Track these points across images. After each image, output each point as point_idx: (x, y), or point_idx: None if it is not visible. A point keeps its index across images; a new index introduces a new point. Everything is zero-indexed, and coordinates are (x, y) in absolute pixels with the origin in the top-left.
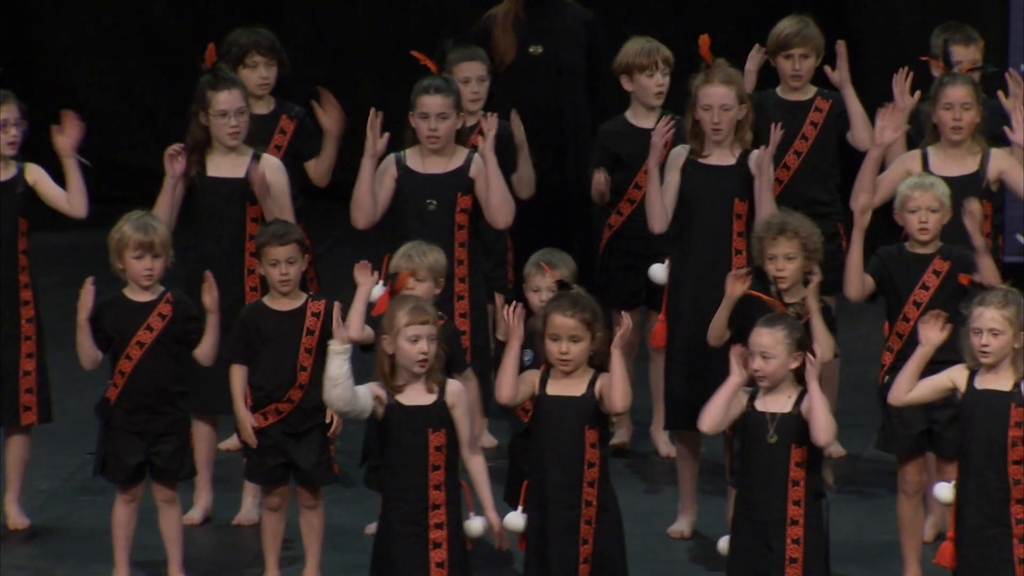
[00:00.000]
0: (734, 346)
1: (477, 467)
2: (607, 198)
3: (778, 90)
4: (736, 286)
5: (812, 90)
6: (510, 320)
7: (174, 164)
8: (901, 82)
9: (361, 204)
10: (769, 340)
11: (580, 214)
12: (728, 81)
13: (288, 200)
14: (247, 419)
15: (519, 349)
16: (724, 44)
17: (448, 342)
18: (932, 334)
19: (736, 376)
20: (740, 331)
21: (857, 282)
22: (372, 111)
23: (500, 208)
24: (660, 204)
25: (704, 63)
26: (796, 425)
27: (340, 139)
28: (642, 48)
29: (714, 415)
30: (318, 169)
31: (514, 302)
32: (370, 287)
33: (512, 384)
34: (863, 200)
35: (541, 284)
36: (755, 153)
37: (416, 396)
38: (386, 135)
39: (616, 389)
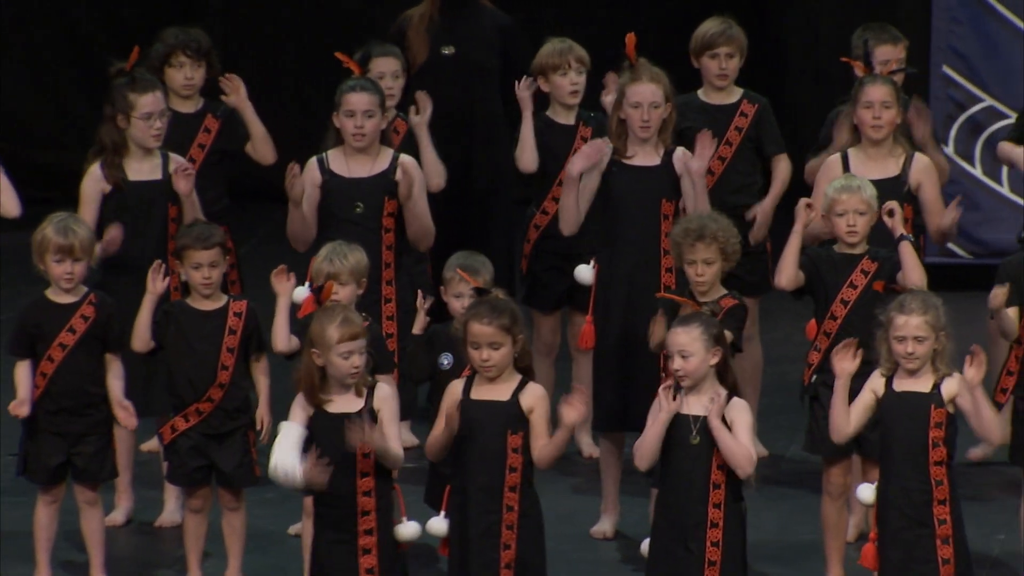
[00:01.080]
0: (664, 382)
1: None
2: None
3: (700, 93)
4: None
5: (737, 92)
6: (445, 409)
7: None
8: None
9: (297, 236)
10: (685, 339)
11: (492, 213)
12: (655, 79)
13: (196, 198)
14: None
15: (451, 435)
16: (647, 45)
17: (373, 344)
18: (846, 364)
19: (664, 412)
20: None
21: (791, 270)
22: (290, 167)
23: (419, 239)
24: (575, 209)
25: (628, 62)
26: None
27: (253, 110)
28: (554, 48)
29: (650, 454)
30: (256, 149)
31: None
32: (289, 295)
33: (444, 448)
34: (805, 214)
35: (463, 290)
36: (680, 151)
37: (343, 403)
38: (301, 179)
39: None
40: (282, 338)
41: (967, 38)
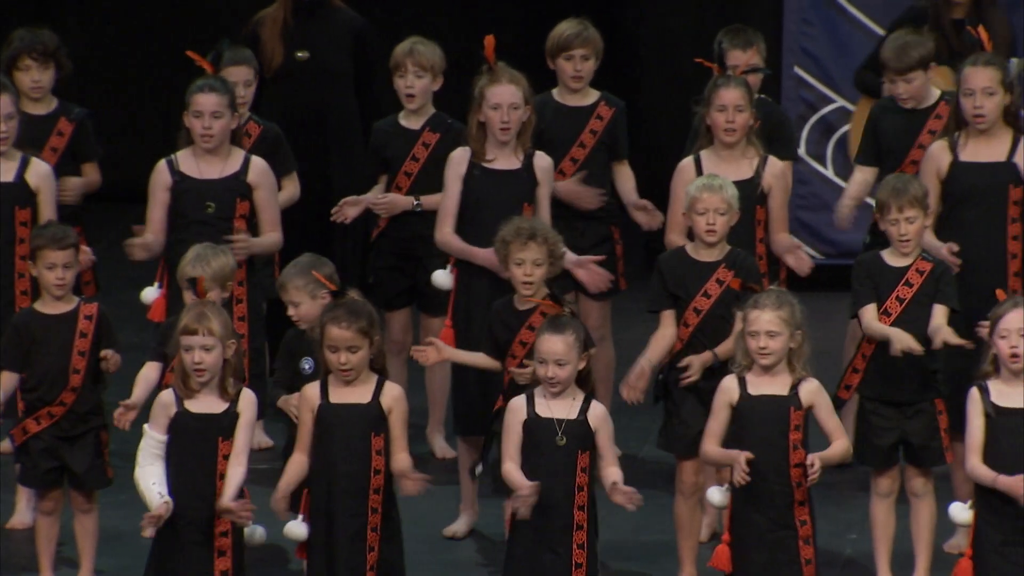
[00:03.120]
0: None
1: (234, 476)
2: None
3: (556, 94)
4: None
5: (594, 94)
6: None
7: None
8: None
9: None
10: (563, 347)
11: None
12: (515, 81)
13: (55, 206)
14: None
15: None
16: (503, 47)
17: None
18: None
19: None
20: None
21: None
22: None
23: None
24: (452, 216)
25: (487, 64)
26: (583, 431)
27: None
28: (400, 48)
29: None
30: (89, 184)
31: None
32: None
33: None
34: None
35: (297, 299)
36: (540, 155)
37: (207, 403)
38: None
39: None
40: None
41: (818, 39)
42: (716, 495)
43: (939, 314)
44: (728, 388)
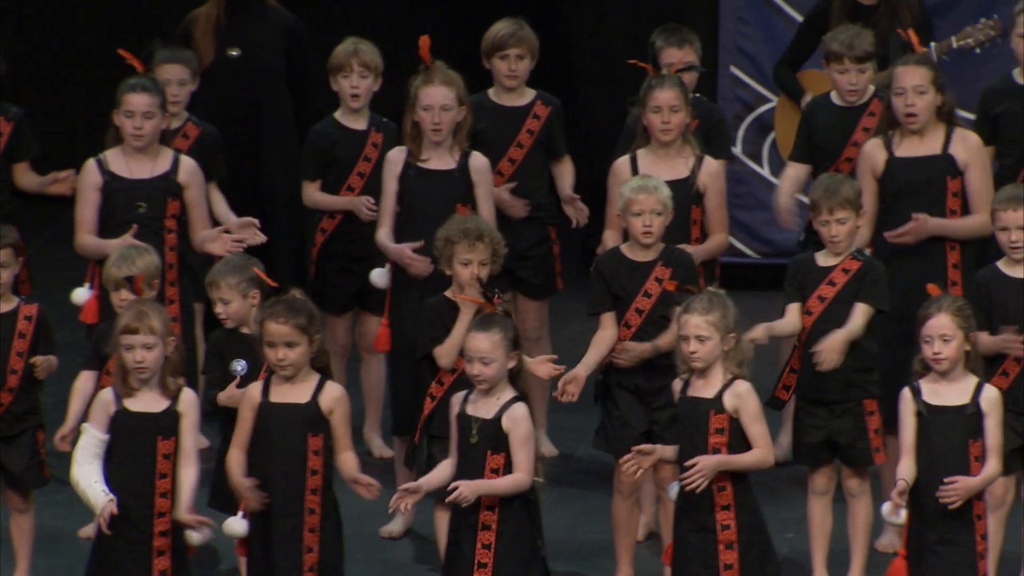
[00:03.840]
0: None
1: (186, 479)
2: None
3: (491, 94)
4: (468, 304)
5: (530, 93)
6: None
7: None
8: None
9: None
10: (488, 344)
11: (280, 216)
12: (448, 82)
13: None
14: None
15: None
16: (438, 46)
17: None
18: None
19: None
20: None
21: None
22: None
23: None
24: (390, 216)
25: (423, 64)
26: (495, 431)
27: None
28: (342, 49)
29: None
30: (27, 180)
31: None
32: None
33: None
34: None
35: (227, 296)
36: (476, 155)
37: (147, 402)
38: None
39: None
40: None
41: (754, 38)
42: (674, 490)
43: (857, 313)
44: (674, 391)
